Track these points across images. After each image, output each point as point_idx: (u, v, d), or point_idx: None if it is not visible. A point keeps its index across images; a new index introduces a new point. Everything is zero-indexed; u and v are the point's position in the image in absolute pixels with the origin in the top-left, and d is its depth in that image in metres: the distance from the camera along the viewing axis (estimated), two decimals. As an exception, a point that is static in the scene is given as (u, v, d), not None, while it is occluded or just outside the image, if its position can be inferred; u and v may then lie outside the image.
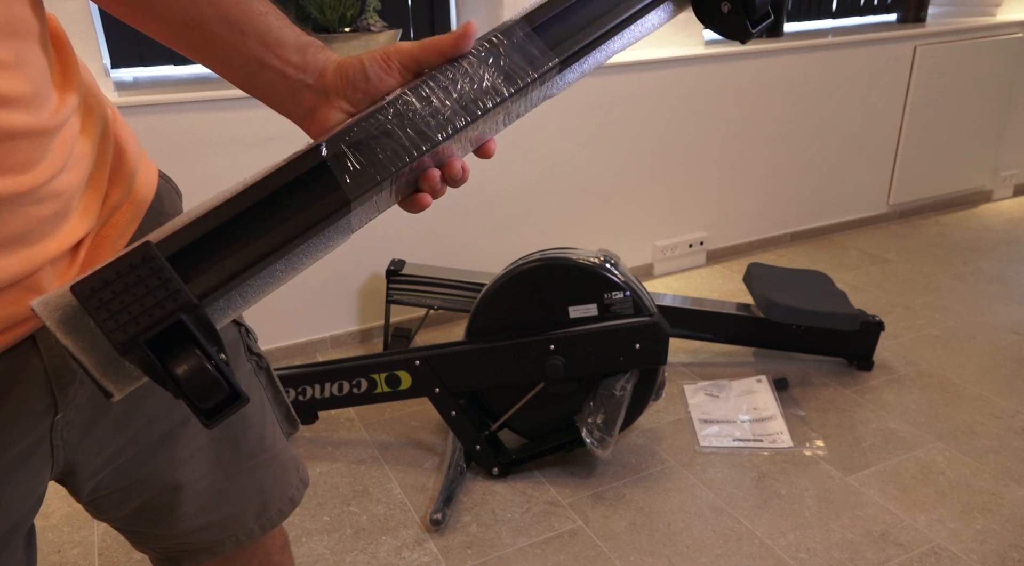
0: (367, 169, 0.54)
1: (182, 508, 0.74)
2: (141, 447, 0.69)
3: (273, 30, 0.56)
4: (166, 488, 0.72)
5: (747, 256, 3.00)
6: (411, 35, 2.55)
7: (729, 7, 0.66)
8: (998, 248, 3.04)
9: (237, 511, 0.79)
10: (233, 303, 0.51)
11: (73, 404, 0.60)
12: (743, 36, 0.66)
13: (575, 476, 1.79)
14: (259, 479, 0.79)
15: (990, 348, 2.30)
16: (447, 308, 2.20)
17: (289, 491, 0.84)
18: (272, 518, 0.82)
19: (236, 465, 0.77)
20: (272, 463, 0.81)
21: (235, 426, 0.76)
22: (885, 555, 1.53)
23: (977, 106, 3.28)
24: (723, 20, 0.67)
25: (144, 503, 0.73)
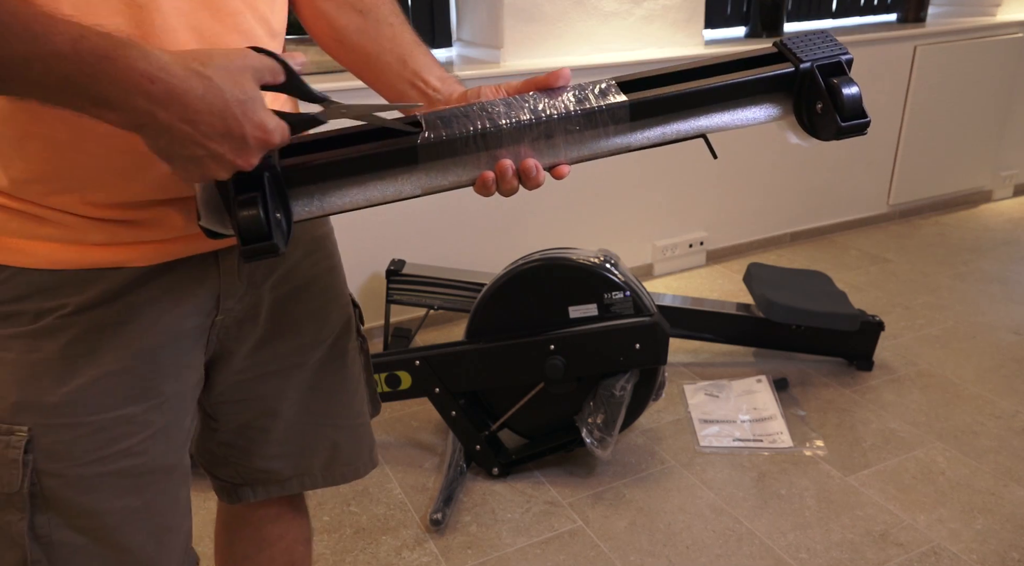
0: (440, 136, 0.66)
1: (273, 434, 0.87)
2: (263, 372, 0.83)
3: (426, 66, 0.77)
4: (268, 412, 0.85)
5: (747, 256, 2.99)
6: (411, 35, 2.54)
7: (821, 106, 0.68)
8: (998, 248, 3.04)
9: (309, 454, 0.90)
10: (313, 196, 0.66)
11: (228, 314, 0.77)
12: (836, 133, 0.68)
13: (575, 476, 1.79)
14: (336, 437, 0.91)
15: (990, 348, 2.30)
16: (447, 308, 2.20)
17: (356, 462, 0.95)
18: (334, 475, 0.93)
19: (323, 417, 0.89)
20: (351, 430, 0.93)
21: (333, 385, 0.89)
22: (885, 555, 1.53)
23: (977, 106, 3.28)
24: (818, 121, 0.69)
25: (248, 421, 0.85)
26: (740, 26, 3.07)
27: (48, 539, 0.67)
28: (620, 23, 2.52)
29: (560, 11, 2.42)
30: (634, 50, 2.58)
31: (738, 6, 3.06)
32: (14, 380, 0.65)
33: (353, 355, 0.91)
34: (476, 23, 2.51)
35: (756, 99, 0.69)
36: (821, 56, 0.69)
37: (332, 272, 0.88)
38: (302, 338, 0.84)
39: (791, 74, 0.69)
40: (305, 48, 0.90)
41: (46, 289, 0.64)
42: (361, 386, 0.94)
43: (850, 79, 0.68)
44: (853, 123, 0.67)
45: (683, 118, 0.69)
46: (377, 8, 0.78)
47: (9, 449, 0.65)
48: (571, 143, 0.68)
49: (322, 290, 0.86)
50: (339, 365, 0.89)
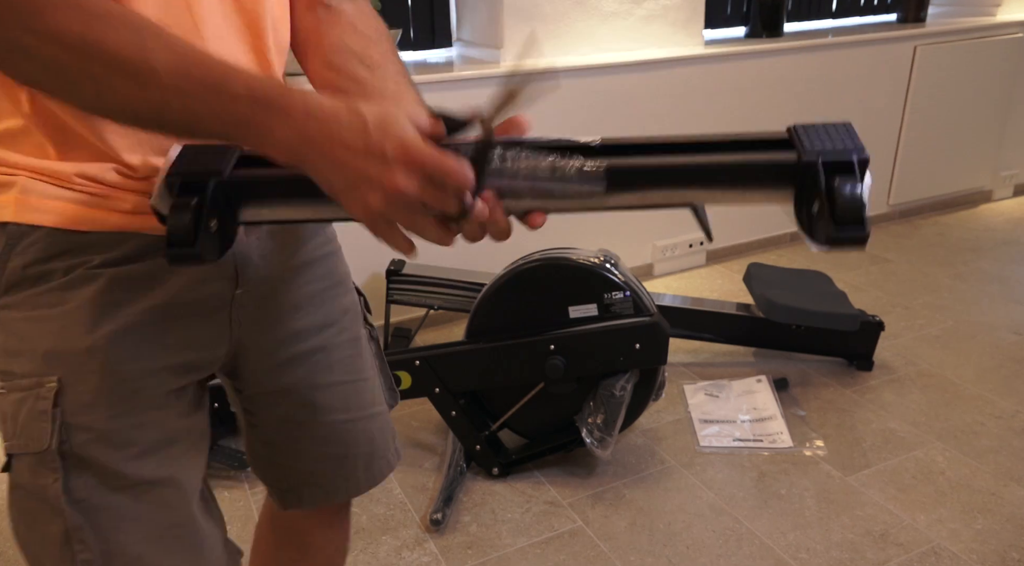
0: None
1: (313, 429, 0.86)
2: (288, 356, 0.83)
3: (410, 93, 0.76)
4: (304, 403, 0.85)
5: (747, 256, 2.99)
6: (411, 35, 2.55)
7: (818, 206, 0.60)
8: (998, 248, 3.04)
9: (352, 455, 0.90)
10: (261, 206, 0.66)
11: (248, 286, 0.77)
12: (828, 240, 0.59)
13: (575, 476, 1.79)
14: (371, 429, 0.91)
15: (990, 348, 2.30)
16: (447, 308, 2.20)
17: (389, 454, 0.94)
18: (374, 475, 0.92)
19: (358, 410, 0.89)
20: (380, 418, 0.92)
21: (358, 374, 0.89)
22: (885, 555, 1.53)
23: (977, 106, 3.28)
24: (815, 222, 0.61)
25: (286, 414, 0.85)
26: (740, 26, 3.07)
27: (88, 503, 0.66)
28: (620, 23, 2.52)
29: (560, 11, 2.42)
30: (634, 50, 2.58)
31: (738, 6, 3.06)
32: (45, 332, 0.66)
33: (365, 342, 0.92)
34: (476, 23, 2.50)
35: (751, 185, 0.63)
36: (830, 150, 0.60)
37: (333, 256, 0.89)
38: (314, 319, 0.85)
39: (793, 165, 0.61)
40: None
41: (75, 248, 0.66)
42: (375, 375, 0.94)
43: (856, 182, 0.59)
44: (847, 233, 0.58)
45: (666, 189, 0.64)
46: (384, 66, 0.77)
47: (39, 401, 0.65)
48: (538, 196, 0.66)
49: (325, 273, 0.87)
50: (357, 350, 0.90)
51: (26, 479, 0.67)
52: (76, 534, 0.66)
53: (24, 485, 0.67)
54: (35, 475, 0.66)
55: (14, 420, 0.67)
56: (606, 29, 2.51)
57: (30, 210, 0.65)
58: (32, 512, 0.67)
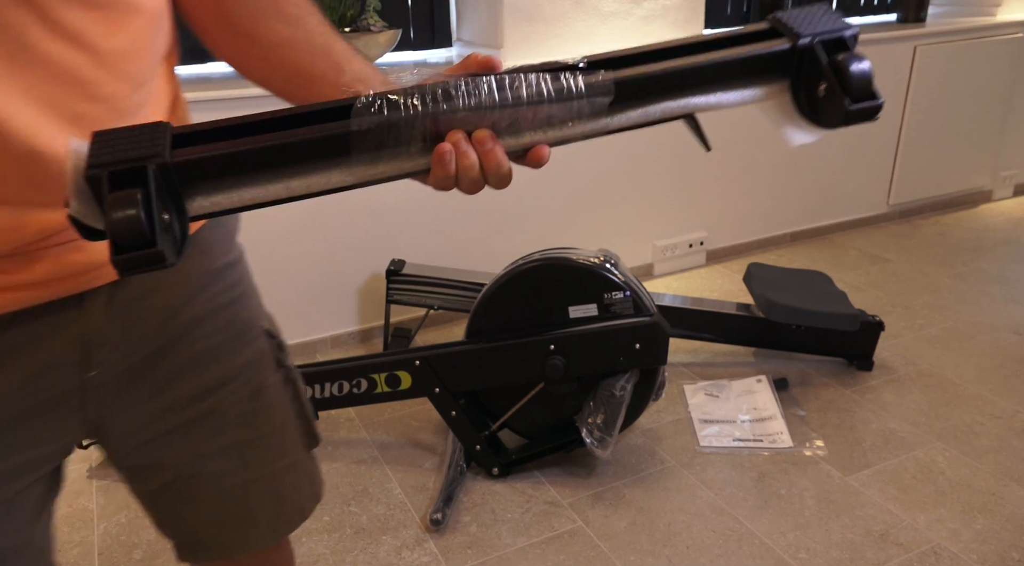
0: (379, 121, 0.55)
1: (200, 498, 0.78)
2: (167, 429, 0.73)
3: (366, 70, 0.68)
4: (187, 475, 0.76)
5: (747, 256, 2.99)
6: (411, 35, 2.55)
7: (825, 86, 0.58)
8: (998, 248, 3.04)
9: (251, 514, 0.82)
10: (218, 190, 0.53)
11: (106, 367, 0.66)
12: (844, 117, 0.57)
13: (575, 476, 1.79)
14: (276, 485, 0.82)
15: (990, 348, 2.30)
16: (447, 308, 2.20)
17: (300, 502, 0.86)
18: (282, 527, 0.85)
19: (259, 468, 0.80)
20: (290, 471, 0.84)
21: (260, 429, 0.79)
22: (885, 555, 1.53)
23: (977, 106, 3.28)
24: (822, 105, 0.59)
25: (167, 483, 0.76)
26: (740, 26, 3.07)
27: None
28: (620, 23, 2.52)
29: (560, 11, 2.42)
30: (634, 50, 2.57)
31: (738, 6, 3.06)
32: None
33: (274, 391, 0.81)
34: (476, 23, 2.50)
35: (749, 80, 0.61)
36: (822, 31, 0.59)
37: (237, 303, 0.77)
38: (205, 381, 0.74)
39: (787, 51, 0.60)
40: None
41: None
42: (291, 422, 0.83)
43: (858, 55, 0.57)
44: (864, 106, 0.56)
45: (667, 99, 0.61)
46: (305, 19, 0.69)
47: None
48: (539, 126, 0.58)
49: (225, 325, 0.75)
50: (260, 403, 0.79)
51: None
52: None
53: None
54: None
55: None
56: (606, 29, 2.51)
57: None
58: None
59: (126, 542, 1.62)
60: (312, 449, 0.87)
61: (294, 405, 0.84)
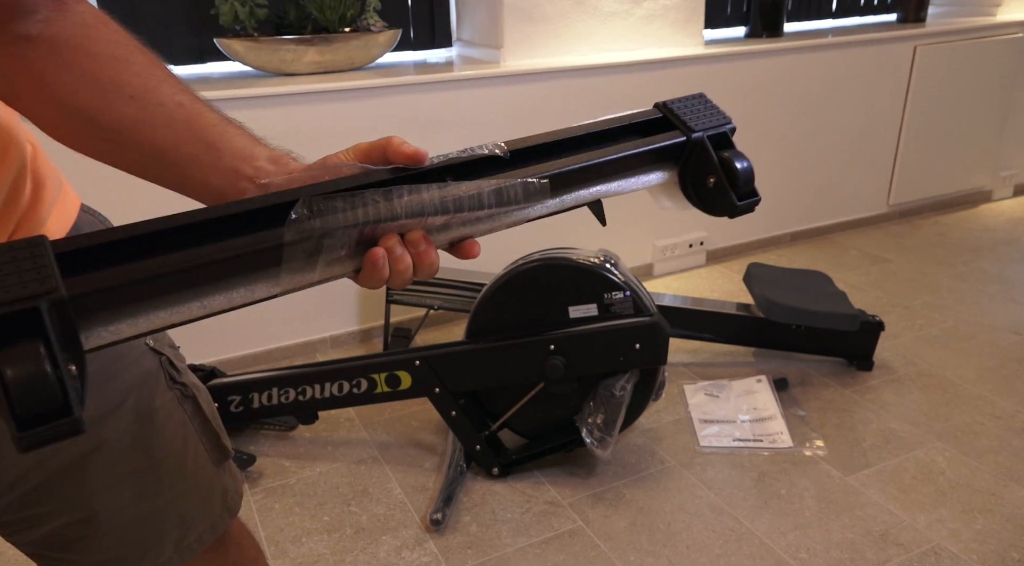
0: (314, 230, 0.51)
1: (97, 537, 0.72)
2: (50, 472, 0.67)
3: (247, 147, 0.58)
4: (79, 517, 0.70)
5: (747, 256, 2.99)
6: (411, 35, 2.55)
7: (714, 181, 0.65)
8: (998, 248, 3.04)
9: (155, 541, 0.77)
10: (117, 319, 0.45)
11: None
12: (729, 211, 0.65)
13: (575, 476, 1.79)
14: (180, 508, 0.78)
15: (990, 348, 2.30)
16: (447, 308, 2.20)
17: (211, 518, 0.82)
18: (191, 546, 0.80)
19: (159, 495, 0.75)
20: (195, 492, 0.80)
21: (154, 454, 0.74)
22: (885, 555, 1.53)
23: (977, 106, 3.28)
24: (709, 195, 0.66)
25: (55, 530, 0.70)
26: (740, 26, 3.07)
27: None
28: (620, 23, 2.52)
29: (560, 11, 2.42)
30: (634, 50, 2.58)
31: (738, 6, 3.06)
32: None
33: (168, 411, 0.75)
34: (476, 23, 2.50)
35: (649, 167, 0.66)
36: (710, 126, 0.65)
37: None
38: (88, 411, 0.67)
39: (682, 144, 0.65)
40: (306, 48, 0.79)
41: None
42: (191, 440, 0.78)
43: (740, 153, 0.65)
44: (748, 202, 0.65)
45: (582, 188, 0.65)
46: (155, 90, 0.57)
47: None
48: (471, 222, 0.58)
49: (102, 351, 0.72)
50: (152, 429, 0.73)
51: None
52: None
53: None
54: None
55: None
56: (606, 29, 2.51)
57: None
58: None
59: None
60: (223, 463, 0.83)
61: (195, 421, 0.79)
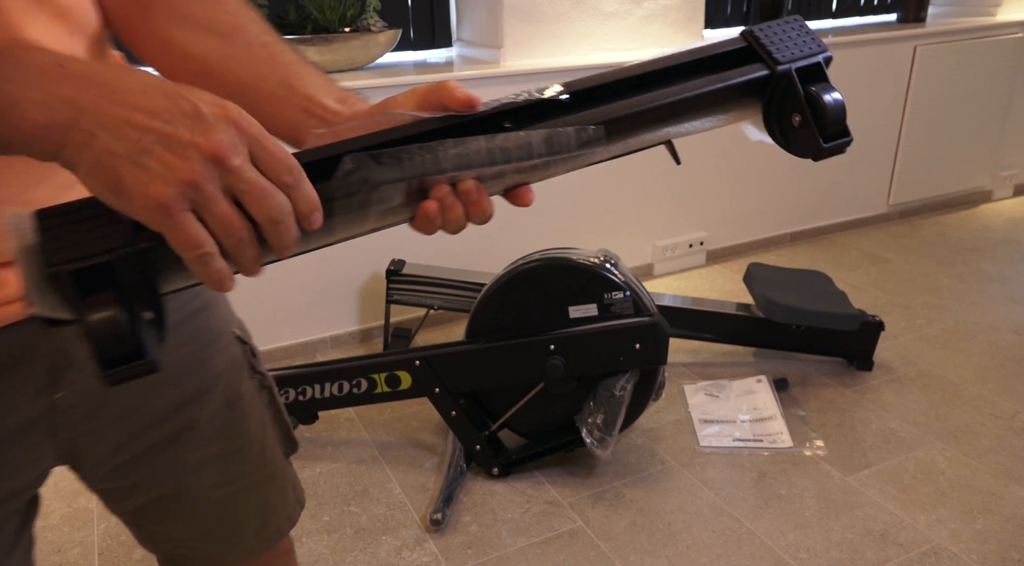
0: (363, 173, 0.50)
1: (185, 514, 0.76)
2: (147, 445, 0.71)
3: (319, 87, 0.62)
4: (170, 491, 0.74)
5: (747, 256, 2.99)
6: (411, 35, 2.55)
7: (800, 119, 0.58)
8: (998, 248, 3.04)
9: (238, 525, 0.80)
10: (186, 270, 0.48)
11: (74, 388, 0.63)
12: (814, 153, 0.58)
13: (575, 476, 1.79)
14: (261, 494, 0.81)
15: (990, 348, 2.30)
16: (447, 308, 2.20)
17: (287, 509, 0.85)
18: (271, 536, 0.83)
19: (242, 479, 0.78)
20: (273, 480, 0.82)
21: (239, 439, 0.77)
22: (885, 555, 1.53)
23: (977, 106, 3.28)
24: (794, 134, 0.59)
25: (149, 502, 0.74)
26: (740, 26, 3.07)
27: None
28: (620, 23, 2.52)
29: (560, 11, 2.42)
30: (634, 50, 2.58)
31: (738, 6, 3.06)
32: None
33: (250, 398, 0.79)
34: (476, 23, 2.50)
35: (725, 106, 0.60)
36: (799, 56, 0.58)
37: (205, 311, 0.75)
38: (181, 393, 0.72)
39: (765, 77, 0.58)
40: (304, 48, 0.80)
41: None
42: (269, 428, 0.82)
43: (831, 86, 0.57)
44: (835, 143, 0.57)
45: (649, 131, 0.60)
46: (243, 29, 0.63)
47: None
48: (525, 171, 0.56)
49: (196, 333, 0.73)
50: (238, 414, 0.77)
51: None
52: None
53: None
54: None
55: None
56: (606, 29, 2.51)
57: None
58: None
59: (126, 542, 1.62)
60: (291, 455, 0.86)
61: (270, 411, 0.82)
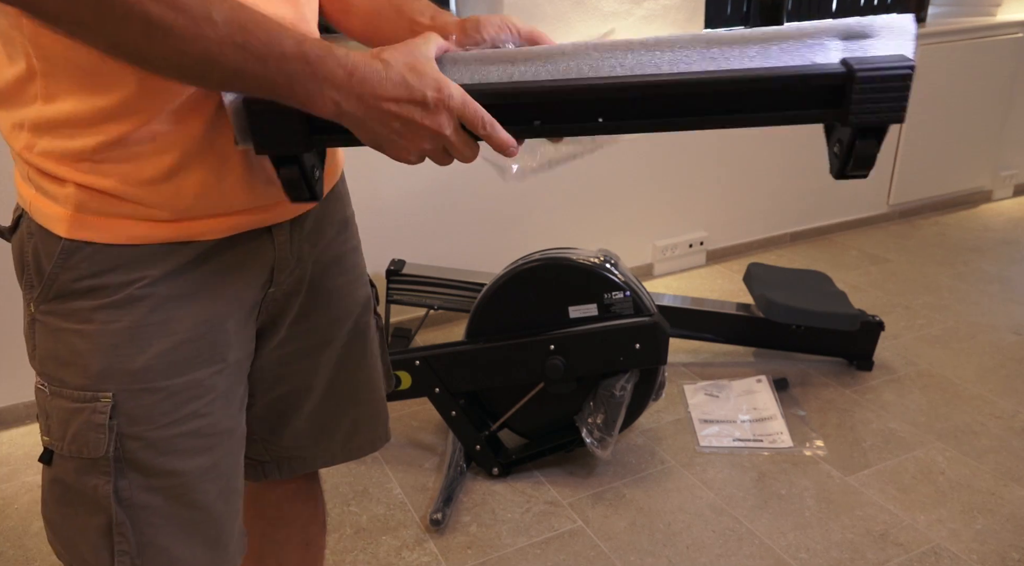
0: None
1: (303, 411, 0.91)
2: (300, 346, 0.87)
3: (418, 10, 0.83)
4: (302, 387, 0.90)
5: (747, 256, 2.99)
6: (411, 35, 2.54)
7: (836, 151, 0.69)
8: (998, 248, 3.04)
9: (331, 431, 0.95)
10: None
11: (279, 286, 0.81)
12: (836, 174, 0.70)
13: (575, 476, 1.79)
14: (356, 413, 0.96)
15: (990, 348, 2.30)
16: (447, 308, 2.20)
17: (372, 435, 0.99)
18: (352, 449, 0.98)
19: (346, 393, 0.94)
20: (370, 405, 0.97)
21: (357, 360, 0.93)
22: (885, 555, 1.53)
23: (977, 106, 3.28)
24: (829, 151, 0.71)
25: (283, 395, 0.89)
26: (740, 26, 3.07)
27: (131, 502, 0.72)
28: (620, 23, 2.52)
29: (560, 11, 2.42)
30: (634, 50, 2.57)
31: (738, 6, 3.06)
32: (98, 349, 0.70)
33: (372, 332, 0.96)
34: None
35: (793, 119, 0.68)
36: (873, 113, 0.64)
37: (357, 251, 0.94)
38: (333, 312, 0.89)
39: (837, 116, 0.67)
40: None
41: (124, 263, 0.69)
42: (378, 361, 0.98)
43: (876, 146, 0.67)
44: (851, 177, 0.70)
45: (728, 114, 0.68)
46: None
47: (96, 415, 0.70)
48: None
49: (351, 267, 0.91)
50: (362, 341, 0.94)
51: (71, 478, 0.72)
52: (118, 529, 0.72)
53: (67, 482, 0.72)
54: (83, 475, 0.71)
55: (63, 425, 0.71)
56: (606, 29, 2.51)
57: (83, 228, 0.68)
58: (74, 505, 0.73)
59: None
60: (389, 391, 1.02)
61: (380, 349, 0.98)
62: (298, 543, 1.05)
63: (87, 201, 0.67)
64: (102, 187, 0.67)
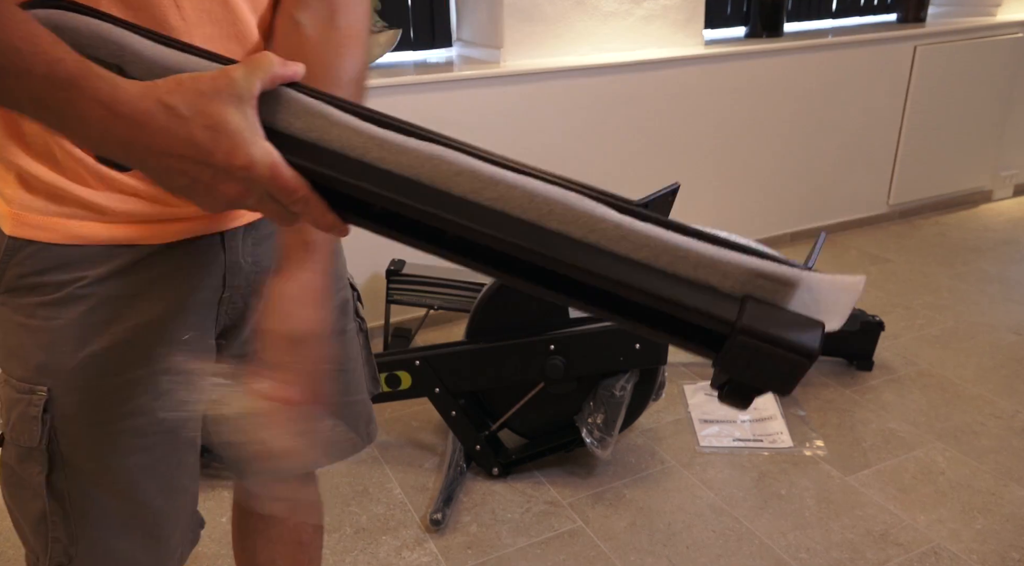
0: None
1: None
2: None
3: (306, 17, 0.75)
4: None
5: (747, 256, 2.99)
6: (411, 35, 2.55)
7: (725, 383, 0.59)
8: (998, 248, 3.04)
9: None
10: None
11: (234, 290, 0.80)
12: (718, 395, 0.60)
13: (575, 476, 1.79)
14: (343, 414, 0.94)
15: (990, 348, 2.30)
16: (447, 308, 2.20)
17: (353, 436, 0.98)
18: (336, 452, 0.95)
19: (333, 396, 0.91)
20: (351, 406, 0.95)
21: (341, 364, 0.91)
22: (885, 555, 1.53)
23: (977, 106, 3.28)
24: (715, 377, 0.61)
25: None
26: (740, 26, 3.07)
27: (63, 493, 0.74)
28: (620, 23, 2.52)
29: (560, 11, 2.41)
30: (634, 50, 2.58)
31: (738, 6, 3.06)
32: (38, 344, 0.71)
33: (352, 334, 0.95)
34: (476, 23, 2.50)
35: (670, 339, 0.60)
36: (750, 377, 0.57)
37: (338, 255, 0.92)
38: None
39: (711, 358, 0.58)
40: None
41: (66, 263, 0.70)
42: (359, 365, 0.97)
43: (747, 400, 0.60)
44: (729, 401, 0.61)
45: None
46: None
47: (31, 407, 0.72)
48: None
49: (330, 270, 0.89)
50: (341, 343, 0.93)
51: (14, 463, 0.75)
52: (50, 517, 0.75)
53: (11, 466, 0.75)
54: (22, 463, 0.74)
55: (7, 411, 0.74)
56: (606, 29, 2.51)
57: (25, 226, 0.69)
58: (18, 488, 0.76)
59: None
60: (372, 395, 1.00)
61: (364, 352, 0.97)
62: (290, 541, 1.07)
63: (30, 201, 0.68)
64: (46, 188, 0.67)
